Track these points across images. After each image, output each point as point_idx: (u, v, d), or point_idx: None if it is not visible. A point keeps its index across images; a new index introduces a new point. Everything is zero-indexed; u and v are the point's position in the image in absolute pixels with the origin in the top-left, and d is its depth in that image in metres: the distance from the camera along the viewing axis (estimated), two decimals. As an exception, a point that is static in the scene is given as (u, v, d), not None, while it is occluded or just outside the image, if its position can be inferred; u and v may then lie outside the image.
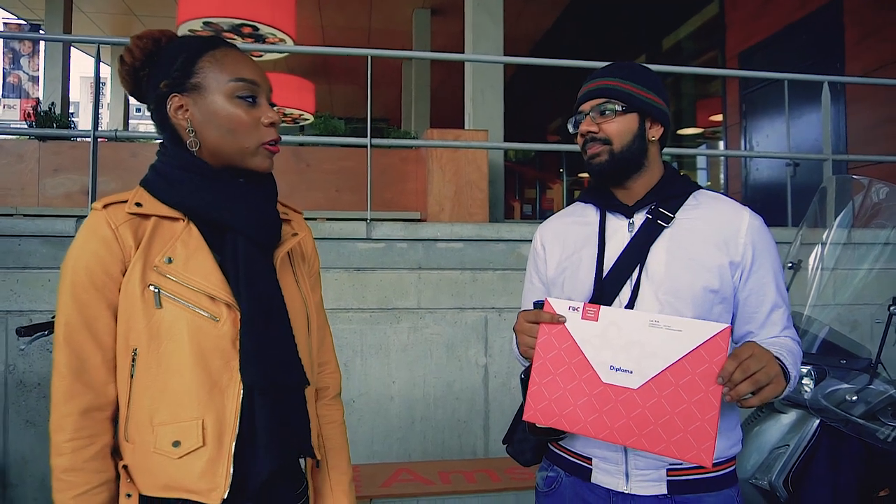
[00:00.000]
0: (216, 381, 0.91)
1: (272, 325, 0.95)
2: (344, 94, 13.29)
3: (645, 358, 0.96)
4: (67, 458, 0.89)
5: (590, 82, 1.18)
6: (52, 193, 4.18)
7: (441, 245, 2.78)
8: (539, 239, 1.26)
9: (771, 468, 1.81)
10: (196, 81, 0.96)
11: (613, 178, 1.16)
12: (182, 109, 0.97)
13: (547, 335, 1.02)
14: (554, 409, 1.00)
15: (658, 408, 0.94)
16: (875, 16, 4.59)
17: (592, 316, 1.00)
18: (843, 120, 4.83)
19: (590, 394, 0.98)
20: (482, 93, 4.68)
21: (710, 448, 0.91)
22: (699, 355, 0.93)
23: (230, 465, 0.90)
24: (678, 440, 0.92)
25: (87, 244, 0.92)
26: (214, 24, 5.19)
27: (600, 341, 0.99)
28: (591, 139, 1.15)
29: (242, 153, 0.98)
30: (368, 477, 2.15)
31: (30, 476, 2.43)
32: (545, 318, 1.03)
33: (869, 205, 2.02)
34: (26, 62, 12.94)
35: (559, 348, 1.01)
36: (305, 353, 1.03)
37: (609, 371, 0.97)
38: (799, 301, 2.03)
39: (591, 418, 0.97)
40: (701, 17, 6.83)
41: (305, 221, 1.16)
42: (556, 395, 1.00)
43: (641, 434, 0.94)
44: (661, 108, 1.17)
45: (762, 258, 1.11)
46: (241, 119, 0.97)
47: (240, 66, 0.98)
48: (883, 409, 1.74)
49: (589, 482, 1.11)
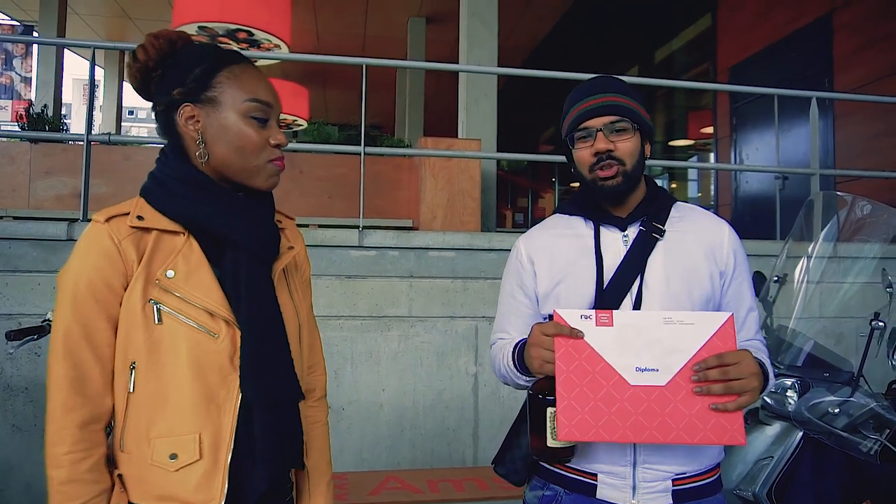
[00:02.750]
0: (213, 396, 0.92)
1: (271, 341, 0.97)
2: (338, 100, 13.30)
3: (667, 354, 0.98)
4: (66, 470, 0.89)
5: (594, 97, 1.13)
6: (44, 196, 4.15)
7: (433, 254, 2.79)
8: (524, 253, 1.23)
9: (755, 479, 1.83)
10: (212, 95, 0.97)
11: (622, 197, 1.16)
12: (193, 120, 0.97)
13: (565, 347, 1.00)
14: (590, 421, 0.97)
15: (688, 400, 0.96)
16: (865, 32, 4.66)
17: (607, 321, 1.00)
18: (831, 134, 4.89)
19: (621, 399, 0.97)
20: (476, 102, 4.70)
21: (742, 427, 0.95)
22: (715, 343, 0.98)
23: (225, 479, 0.91)
24: (713, 426, 0.95)
25: (88, 257, 0.92)
26: (209, 29, 5.20)
27: (620, 345, 0.99)
28: (608, 157, 1.11)
29: (248, 171, 0.99)
30: (357, 485, 2.15)
31: (15, 481, 2.41)
32: (566, 331, 0.99)
33: (853, 220, 2.05)
34: (19, 63, 12.88)
35: (580, 359, 0.99)
36: (297, 362, 1.04)
37: (635, 373, 0.98)
38: (784, 314, 2.06)
39: (629, 423, 0.97)
40: (694, 29, 6.91)
41: (297, 228, 1.16)
42: (589, 407, 0.97)
43: (680, 427, 0.96)
44: (652, 126, 1.19)
45: (740, 266, 1.18)
46: (252, 139, 0.97)
47: (257, 87, 0.99)
48: (864, 421, 1.77)
49: (594, 498, 1.10)
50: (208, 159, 0.97)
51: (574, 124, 1.15)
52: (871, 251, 2.07)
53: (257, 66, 1.05)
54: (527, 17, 8.73)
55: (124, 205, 0.96)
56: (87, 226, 0.95)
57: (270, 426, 0.94)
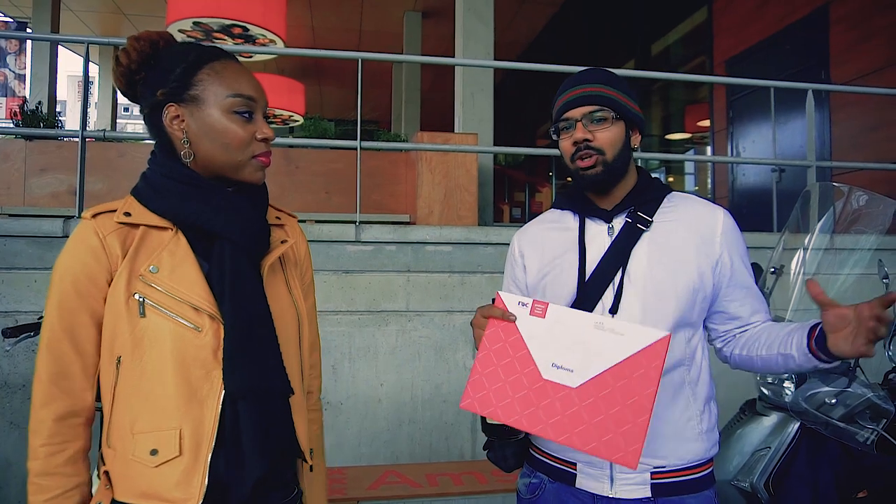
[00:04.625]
0: (195, 391, 0.91)
1: (255, 334, 0.95)
2: (334, 96, 13.28)
3: (587, 358, 0.98)
4: (41, 462, 0.90)
5: (575, 88, 1.15)
6: (39, 193, 4.14)
7: (430, 248, 2.79)
8: (517, 246, 1.26)
9: (752, 470, 1.84)
10: (194, 93, 0.96)
11: (604, 187, 1.16)
12: (178, 120, 0.97)
13: (495, 327, 1.03)
14: (492, 399, 1.00)
15: (593, 408, 0.96)
16: (861, 24, 4.66)
17: (540, 313, 1.02)
18: (827, 127, 4.90)
19: (529, 388, 0.99)
20: (472, 96, 4.70)
21: (638, 451, 0.93)
22: (638, 360, 0.96)
23: (205, 476, 0.90)
24: (608, 440, 0.94)
25: (74, 253, 0.93)
26: (204, 25, 5.17)
27: (546, 338, 1.01)
28: (585, 148, 1.12)
29: (234, 166, 0.98)
30: (355, 479, 2.16)
31: (13, 478, 2.41)
32: (496, 314, 1.04)
33: (849, 211, 2.05)
34: (13, 60, 12.80)
35: (505, 341, 1.02)
36: (295, 359, 1.03)
37: (550, 368, 0.99)
38: (781, 305, 2.06)
39: (527, 412, 0.98)
40: (690, 22, 6.90)
41: (300, 225, 1.16)
42: (496, 386, 1.01)
43: (574, 432, 0.96)
44: (641, 116, 1.18)
45: (739, 252, 1.16)
46: (237, 134, 0.97)
47: (239, 82, 0.98)
48: (861, 411, 1.77)
49: (573, 487, 1.12)
50: (194, 158, 0.97)
51: (557, 115, 1.17)
52: (867, 242, 2.07)
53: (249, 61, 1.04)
54: (523, 11, 8.72)
55: (114, 203, 0.97)
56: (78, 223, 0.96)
57: (256, 421, 0.93)
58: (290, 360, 1.01)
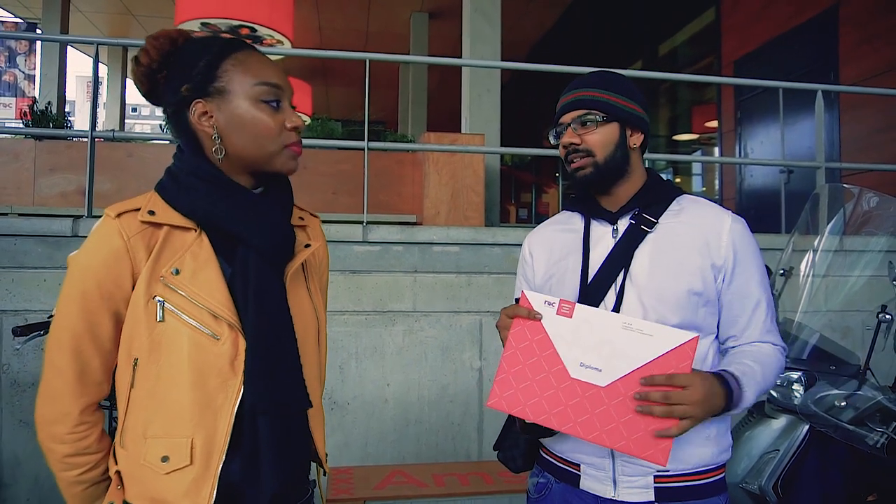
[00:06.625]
0: (210, 400, 0.90)
1: (277, 346, 0.94)
2: (341, 96, 13.29)
3: (614, 358, 0.98)
4: (70, 446, 0.94)
5: (568, 94, 1.17)
6: (48, 193, 4.16)
7: (437, 248, 2.79)
8: (527, 247, 1.28)
9: (761, 473, 1.83)
10: (220, 86, 0.94)
11: (598, 187, 1.17)
12: (206, 116, 0.95)
13: (520, 326, 1.03)
14: (519, 397, 1.01)
15: (622, 406, 0.97)
16: (870, 25, 4.63)
17: (567, 312, 1.02)
18: (836, 128, 4.87)
19: (557, 387, 1.00)
20: (479, 97, 4.69)
21: (667, 449, 0.94)
22: (666, 361, 0.96)
23: (215, 486, 0.89)
24: (638, 438, 0.95)
25: (97, 253, 0.91)
26: (212, 26, 5.20)
27: (573, 338, 1.01)
28: (574, 150, 1.15)
29: (267, 157, 0.96)
30: (362, 479, 2.16)
31: (23, 476, 2.42)
32: (521, 313, 1.03)
33: (860, 213, 2.04)
34: (22, 61, 12.90)
35: (531, 340, 1.03)
36: (315, 368, 1.03)
37: (578, 367, 1.00)
38: (790, 307, 2.05)
39: (556, 410, 0.99)
40: (698, 23, 6.87)
41: (321, 226, 1.15)
42: (524, 385, 1.01)
43: (603, 430, 0.97)
44: (641, 116, 1.17)
45: (745, 261, 1.12)
46: (267, 124, 0.95)
47: (264, 70, 0.97)
48: (871, 414, 1.76)
49: (578, 488, 1.12)
50: (226, 154, 0.95)
51: (554, 121, 1.20)
52: (877, 244, 2.06)
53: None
54: (530, 11, 8.70)
55: (137, 199, 0.95)
56: (100, 219, 0.94)
57: (275, 434, 0.92)
58: (309, 370, 1.00)
